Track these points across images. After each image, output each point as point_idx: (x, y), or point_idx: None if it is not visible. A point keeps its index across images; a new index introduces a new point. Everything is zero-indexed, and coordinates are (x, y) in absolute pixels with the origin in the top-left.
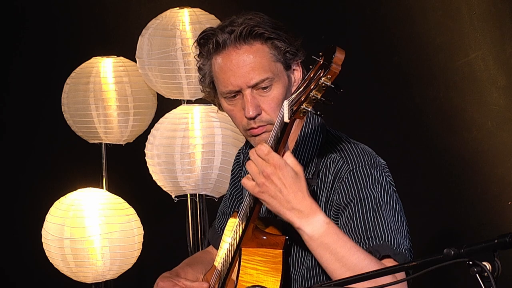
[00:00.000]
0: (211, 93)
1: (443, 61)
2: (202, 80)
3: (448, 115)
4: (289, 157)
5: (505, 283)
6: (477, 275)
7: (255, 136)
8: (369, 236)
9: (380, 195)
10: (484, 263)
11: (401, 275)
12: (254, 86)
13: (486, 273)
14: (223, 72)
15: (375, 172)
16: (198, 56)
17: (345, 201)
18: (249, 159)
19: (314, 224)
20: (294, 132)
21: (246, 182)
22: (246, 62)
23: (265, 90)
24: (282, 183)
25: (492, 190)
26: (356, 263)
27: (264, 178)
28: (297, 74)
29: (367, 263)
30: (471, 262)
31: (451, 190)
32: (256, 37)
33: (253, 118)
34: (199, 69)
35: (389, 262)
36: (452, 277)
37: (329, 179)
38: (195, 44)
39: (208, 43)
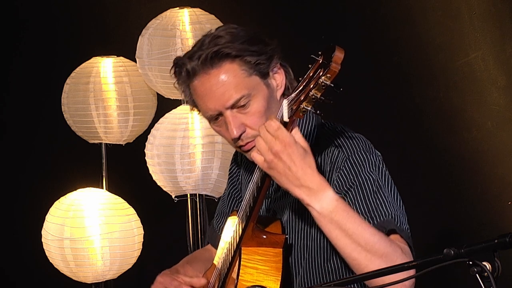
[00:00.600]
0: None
1: (443, 61)
2: (190, 106)
3: (448, 115)
4: (296, 133)
5: (505, 283)
6: (477, 275)
7: (247, 151)
8: (373, 215)
9: (379, 177)
10: (484, 263)
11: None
12: (232, 107)
13: (486, 273)
14: (200, 99)
15: (371, 156)
16: (178, 85)
17: (346, 188)
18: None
19: (323, 201)
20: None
21: (255, 156)
22: (219, 85)
23: (244, 107)
24: (291, 160)
25: (492, 190)
26: (366, 238)
27: (273, 155)
28: (279, 76)
29: (377, 238)
30: (471, 262)
31: (451, 190)
32: (222, 57)
33: (238, 138)
34: (183, 92)
35: (395, 237)
36: (452, 277)
37: (326, 169)
38: (172, 72)
39: (181, 72)
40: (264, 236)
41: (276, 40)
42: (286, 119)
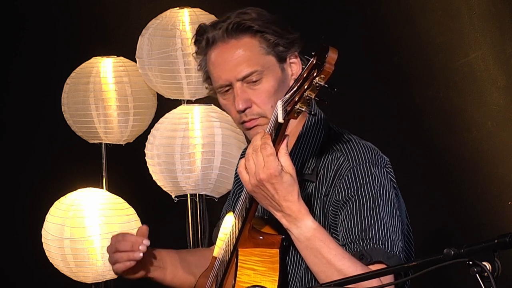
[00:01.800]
0: (212, 90)
1: (443, 61)
2: (202, 76)
3: (448, 115)
4: (283, 156)
5: (505, 283)
6: (477, 275)
7: (249, 129)
8: (363, 237)
9: (379, 194)
10: (484, 263)
11: (388, 279)
12: (243, 79)
13: (486, 273)
14: (214, 67)
15: (376, 170)
16: (196, 54)
17: (344, 199)
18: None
19: (301, 228)
20: (296, 127)
21: (243, 174)
22: (234, 56)
23: (254, 83)
24: (274, 190)
25: (492, 190)
26: (340, 269)
27: (257, 181)
28: (295, 67)
29: (352, 270)
30: (471, 262)
31: (451, 190)
32: (244, 30)
33: (243, 111)
34: (199, 66)
35: (379, 267)
36: (452, 277)
37: (330, 174)
38: (192, 42)
39: (201, 40)
40: (261, 237)
41: (298, 33)
42: (280, 120)
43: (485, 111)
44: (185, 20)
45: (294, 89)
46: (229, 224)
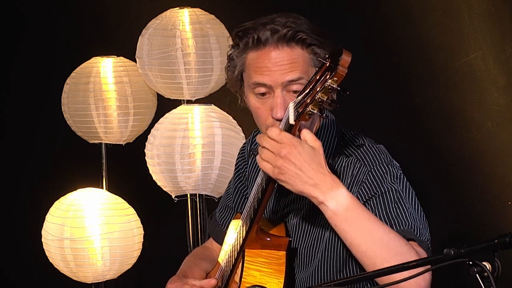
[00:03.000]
0: (236, 84)
1: (443, 61)
2: (230, 69)
3: (448, 115)
4: (307, 133)
5: (505, 283)
6: (477, 275)
7: None
8: (393, 223)
9: (401, 188)
10: (484, 263)
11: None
12: (286, 86)
13: (486, 273)
14: (258, 68)
15: (393, 168)
16: (232, 46)
17: (367, 197)
18: (256, 146)
19: (337, 198)
20: None
21: (264, 165)
22: (285, 61)
23: (295, 93)
24: (303, 160)
25: (492, 190)
26: (381, 236)
27: (282, 159)
28: None
29: (392, 237)
30: (471, 262)
31: (451, 190)
32: (298, 41)
33: (280, 120)
34: (230, 58)
35: (414, 245)
36: (452, 277)
37: (348, 181)
38: (232, 35)
39: (247, 37)
40: (268, 239)
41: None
42: (292, 121)
43: (485, 111)
44: (185, 20)
45: (307, 91)
46: (236, 227)
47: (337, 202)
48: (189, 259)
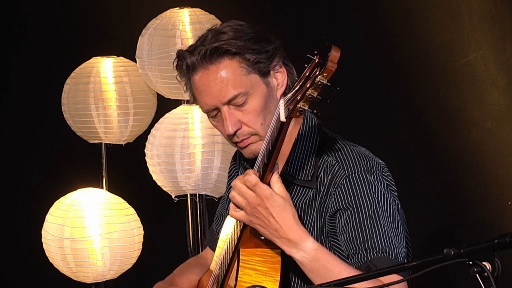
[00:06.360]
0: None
1: (443, 61)
2: (191, 99)
3: (448, 115)
4: (276, 183)
5: (505, 283)
6: (477, 275)
7: (243, 148)
8: (366, 247)
9: (377, 201)
10: (484, 263)
11: (388, 279)
12: (229, 103)
13: (486, 273)
14: (199, 93)
15: (372, 178)
16: (179, 77)
17: (342, 207)
18: (231, 189)
19: (303, 251)
20: (291, 133)
21: (234, 213)
22: (217, 81)
23: (242, 105)
24: (269, 214)
25: (492, 190)
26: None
27: (251, 208)
28: (280, 75)
29: (359, 279)
30: (471, 262)
31: (451, 190)
32: (222, 54)
33: (234, 134)
34: (185, 88)
35: (387, 277)
36: (452, 277)
37: (325, 182)
38: (175, 61)
39: (182, 66)
40: (262, 237)
41: (279, 39)
42: (283, 119)
43: (485, 111)
44: (185, 20)
45: (296, 88)
46: (230, 225)
47: (302, 254)
48: (180, 267)
